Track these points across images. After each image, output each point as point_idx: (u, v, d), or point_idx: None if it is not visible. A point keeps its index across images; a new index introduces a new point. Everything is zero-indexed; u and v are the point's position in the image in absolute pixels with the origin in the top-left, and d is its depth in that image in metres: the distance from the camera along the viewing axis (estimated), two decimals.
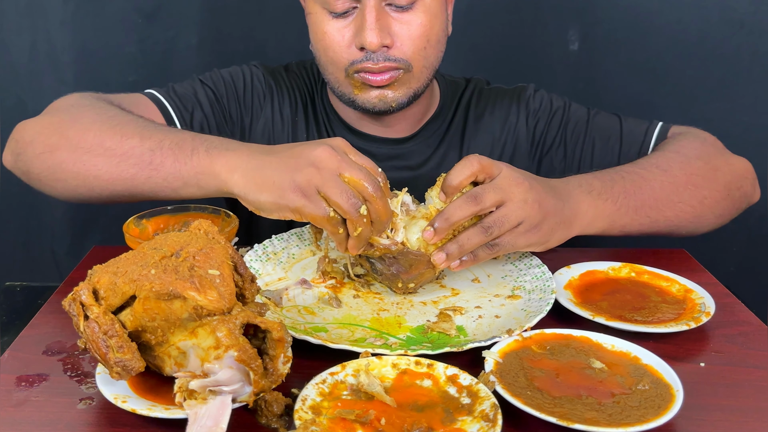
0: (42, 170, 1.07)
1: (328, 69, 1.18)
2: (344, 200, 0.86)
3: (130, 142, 1.02)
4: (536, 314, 0.92)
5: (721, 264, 1.76)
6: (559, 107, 1.31)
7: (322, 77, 1.32)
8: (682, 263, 1.15)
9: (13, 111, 2.01)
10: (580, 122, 1.29)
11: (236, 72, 1.30)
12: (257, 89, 1.30)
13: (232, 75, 1.30)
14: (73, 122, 1.07)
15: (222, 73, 1.30)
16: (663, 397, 0.76)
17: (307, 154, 0.88)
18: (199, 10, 1.98)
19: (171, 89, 1.25)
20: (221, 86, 1.28)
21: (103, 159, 1.03)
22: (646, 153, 1.22)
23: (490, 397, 0.75)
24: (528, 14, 1.96)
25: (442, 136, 1.32)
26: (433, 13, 1.14)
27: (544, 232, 0.98)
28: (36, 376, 0.83)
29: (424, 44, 1.14)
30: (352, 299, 1.01)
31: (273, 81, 1.31)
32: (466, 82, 1.37)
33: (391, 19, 1.11)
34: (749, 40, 1.91)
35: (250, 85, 1.30)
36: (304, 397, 0.74)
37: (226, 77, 1.29)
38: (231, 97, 1.28)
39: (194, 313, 0.71)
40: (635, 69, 1.97)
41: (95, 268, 0.77)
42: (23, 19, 1.98)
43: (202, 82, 1.27)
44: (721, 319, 0.97)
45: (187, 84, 1.26)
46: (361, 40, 1.09)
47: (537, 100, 1.33)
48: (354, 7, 1.11)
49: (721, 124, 1.98)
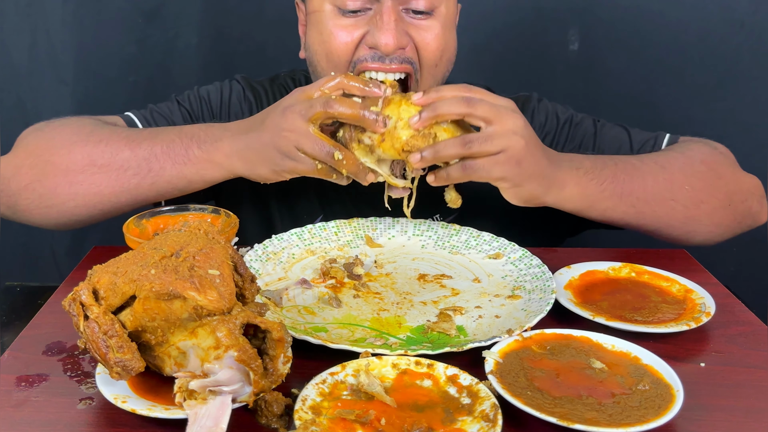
0: (31, 201, 1.08)
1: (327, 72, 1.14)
2: (318, 152, 0.95)
3: (122, 155, 1.05)
4: (536, 314, 0.92)
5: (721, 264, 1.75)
6: (566, 121, 1.28)
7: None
8: (682, 263, 1.15)
9: (13, 111, 2.01)
10: (588, 135, 1.26)
11: (214, 89, 1.30)
12: (234, 106, 1.29)
13: (209, 92, 1.29)
14: (55, 147, 1.08)
15: (200, 91, 1.29)
16: (663, 397, 0.76)
17: (277, 123, 0.97)
18: (199, 10, 1.98)
19: (149, 111, 1.25)
20: (197, 105, 1.28)
21: (101, 176, 1.06)
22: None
23: (490, 397, 0.75)
24: (528, 15, 1.96)
25: None
26: (447, 24, 1.13)
27: (521, 171, 0.96)
28: (36, 376, 0.83)
29: (437, 59, 1.12)
30: (352, 299, 1.01)
31: (252, 95, 1.31)
32: None
33: (406, 23, 1.09)
34: (749, 40, 1.91)
35: (227, 102, 1.29)
36: (304, 397, 0.74)
37: (203, 95, 1.29)
38: (206, 115, 1.28)
39: (194, 313, 0.71)
40: (635, 69, 1.96)
41: (95, 268, 0.77)
42: (23, 19, 1.98)
43: (179, 103, 1.27)
44: (721, 319, 0.97)
45: (164, 105, 1.27)
46: (376, 41, 1.07)
47: (542, 113, 1.29)
48: (368, 7, 1.09)
49: (721, 124, 1.98)
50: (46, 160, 1.07)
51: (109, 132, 1.10)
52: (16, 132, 1.17)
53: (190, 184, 1.07)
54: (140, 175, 1.06)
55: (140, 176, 1.06)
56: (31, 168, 1.08)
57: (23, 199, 1.08)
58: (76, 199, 1.07)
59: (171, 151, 1.05)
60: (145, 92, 1.97)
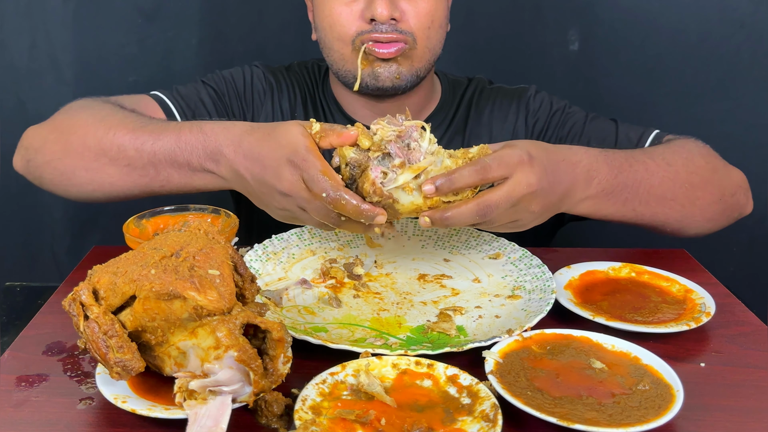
0: (54, 177, 1.11)
1: (334, 47, 1.21)
2: (323, 218, 0.89)
3: (128, 152, 1.05)
4: (536, 314, 0.92)
5: (721, 264, 1.76)
6: (559, 108, 1.32)
7: (323, 72, 1.37)
8: (682, 263, 1.15)
9: (13, 111, 2.01)
10: (577, 124, 1.29)
11: (237, 72, 1.35)
12: (257, 87, 1.35)
13: (233, 74, 1.35)
14: (74, 127, 1.10)
15: (223, 73, 1.35)
16: (663, 397, 0.76)
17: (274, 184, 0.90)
18: (199, 10, 1.98)
19: (175, 90, 1.28)
20: (222, 85, 1.32)
21: (114, 168, 1.06)
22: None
23: (490, 397, 0.75)
24: (528, 14, 1.96)
25: (443, 132, 1.33)
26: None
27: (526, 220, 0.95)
28: (36, 376, 0.83)
29: (429, 23, 1.19)
30: (352, 299, 1.01)
31: (273, 78, 1.36)
32: (468, 81, 1.40)
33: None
34: (749, 40, 1.91)
35: (250, 83, 1.34)
36: (304, 397, 0.74)
37: (227, 76, 1.34)
38: (232, 95, 1.33)
39: (194, 313, 0.71)
40: (635, 69, 1.97)
41: (95, 268, 0.77)
42: (23, 19, 1.98)
43: (204, 83, 1.31)
44: (721, 319, 0.97)
45: (190, 85, 1.30)
46: (372, 11, 1.15)
47: (537, 100, 1.34)
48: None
49: (721, 124, 1.98)
50: (66, 139, 1.09)
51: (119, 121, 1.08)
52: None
53: (201, 189, 1.06)
54: (149, 176, 1.06)
55: (149, 177, 1.06)
56: (54, 143, 1.10)
57: (47, 173, 1.12)
58: (92, 185, 1.09)
59: (174, 161, 1.03)
60: (145, 92, 1.96)
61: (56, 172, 1.10)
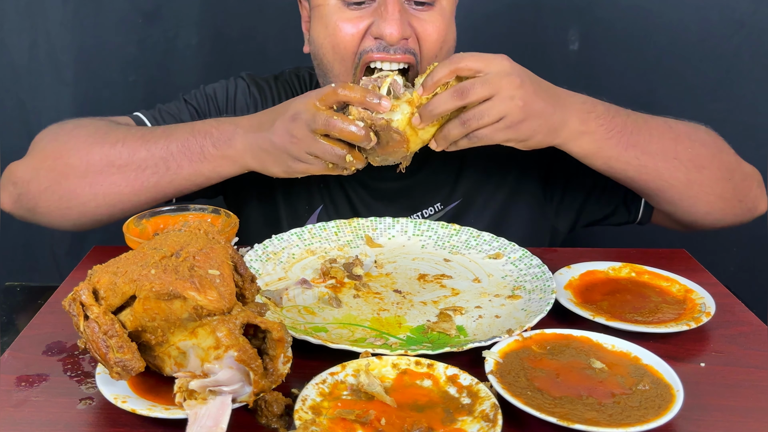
0: (51, 203, 1.10)
1: (335, 67, 1.15)
2: (329, 156, 1.00)
3: (140, 154, 1.08)
4: (536, 314, 0.92)
5: (721, 264, 1.75)
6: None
7: (314, 83, 1.32)
8: (682, 263, 1.15)
9: (13, 111, 2.01)
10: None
11: (220, 87, 1.33)
12: (240, 102, 1.32)
13: (216, 90, 1.32)
14: (73, 149, 1.10)
15: (206, 89, 1.32)
16: (663, 397, 0.76)
17: (286, 128, 1.01)
18: (199, 10, 1.98)
19: (157, 111, 1.27)
20: (204, 103, 1.31)
21: (121, 176, 1.08)
22: None
23: (490, 397, 0.75)
24: (528, 14, 1.96)
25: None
26: (447, 17, 1.15)
27: (523, 131, 1.00)
28: (36, 376, 0.83)
29: (439, 47, 1.14)
30: (352, 299, 1.01)
31: (258, 92, 1.33)
32: None
33: (409, 14, 1.12)
34: (749, 40, 1.91)
35: (233, 99, 1.32)
36: (304, 397, 0.74)
37: (209, 93, 1.31)
38: (213, 113, 1.31)
39: (194, 313, 0.71)
40: (635, 69, 1.96)
41: (95, 268, 0.77)
42: (23, 19, 1.97)
43: (185, 101, 1.30)
44: (721, 319, 0.97)
45: (172, 105, 1.29)
46: (381, 31, 1.09)
47: None
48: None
49: (721, 124, 1.97)
50: (65, 162, 1.09)
51: (125, 132, 1.12)
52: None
53: (208, 180, 1.11)
54: (159, 173, 1.08)
55: (159, 175, 1.09)
56: (49, 171, 1.10)
57: (43, 201, 1.11)
58: (96, 200, 1.09)
59: (186, 149, 1.08)
60: (145, 92, 1.97)
61: (54, 196, 1.10)
